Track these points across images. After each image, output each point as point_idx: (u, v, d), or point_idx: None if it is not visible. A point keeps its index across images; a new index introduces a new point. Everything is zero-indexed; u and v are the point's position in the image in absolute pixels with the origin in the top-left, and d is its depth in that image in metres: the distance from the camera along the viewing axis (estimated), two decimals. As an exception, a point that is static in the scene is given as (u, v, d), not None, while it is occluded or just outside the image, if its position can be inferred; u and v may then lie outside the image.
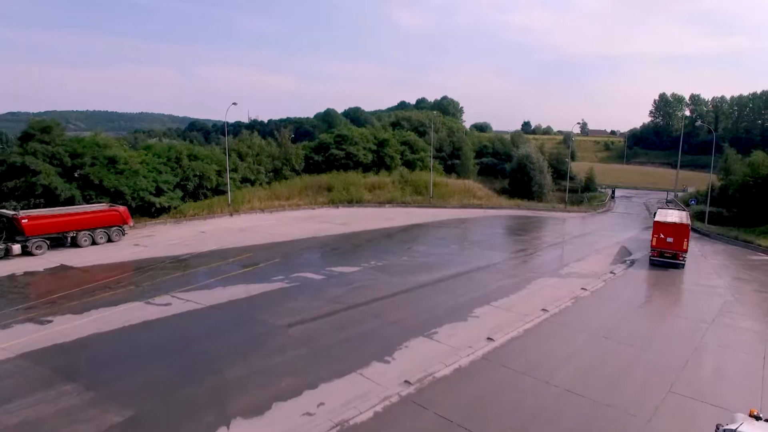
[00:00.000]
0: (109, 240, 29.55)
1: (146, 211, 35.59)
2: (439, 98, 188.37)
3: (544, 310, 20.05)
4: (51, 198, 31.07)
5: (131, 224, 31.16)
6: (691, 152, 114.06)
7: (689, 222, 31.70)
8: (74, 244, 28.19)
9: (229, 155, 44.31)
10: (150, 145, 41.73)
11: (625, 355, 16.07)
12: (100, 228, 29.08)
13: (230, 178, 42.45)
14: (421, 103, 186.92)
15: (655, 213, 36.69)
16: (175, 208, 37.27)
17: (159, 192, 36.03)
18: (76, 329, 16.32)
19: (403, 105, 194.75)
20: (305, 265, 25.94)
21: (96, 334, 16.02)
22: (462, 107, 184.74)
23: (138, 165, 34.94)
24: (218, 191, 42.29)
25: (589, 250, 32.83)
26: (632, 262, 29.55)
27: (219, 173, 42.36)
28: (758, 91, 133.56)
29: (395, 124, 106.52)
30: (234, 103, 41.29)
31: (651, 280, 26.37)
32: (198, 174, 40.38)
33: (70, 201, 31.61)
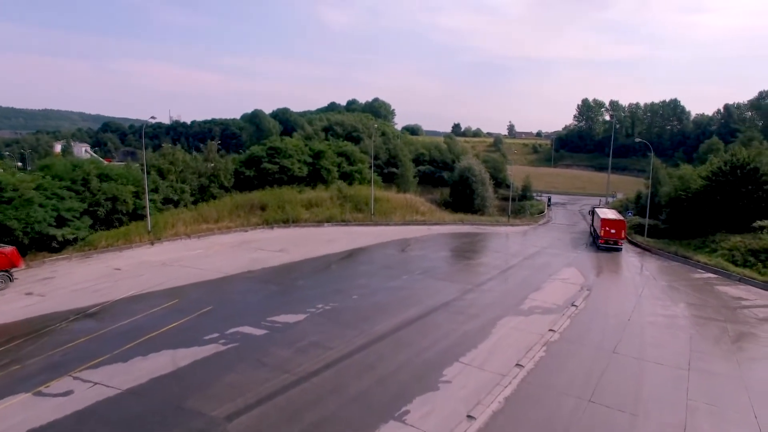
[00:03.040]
0: (-7, 289, 24.24)
1: (45, 245, 29.97)
2: (370, 100, 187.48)
3: (518, 365, 18.12)
4: None
5: (22, 267, 25.85)
6: (612, 155, 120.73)
7: (624, 218, 44.22)
8: (-55, 297, 22.72)
9: (149, 173, 39.20)
10: (48, 164, 35.44)
11: (620, 427, 14.38)
12: (-22, 276, 23.70)
13: (150, 200, 37.34)
14: (351, 105, 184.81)
15: (591, 212, 51.35)
16: (82, 239, 31.86)
17: (61, 222, 30.50)
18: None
19: (333, 106, 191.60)
20: (242, 313, 22.36)
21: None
22: (393, 109, 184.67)
23: (32, 192, 29.21)
24: (136, 216, 37.02)
25: (544, 275, 31.71)
26: (589, 290, 28.67)
27: (136, 194, 37.14)
28: (666, 99, 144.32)
29: (328, 129, 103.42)
30: (153, 117, 36.43)
31: (614, 310, 25.38)
32: (111, 197, 35.07)
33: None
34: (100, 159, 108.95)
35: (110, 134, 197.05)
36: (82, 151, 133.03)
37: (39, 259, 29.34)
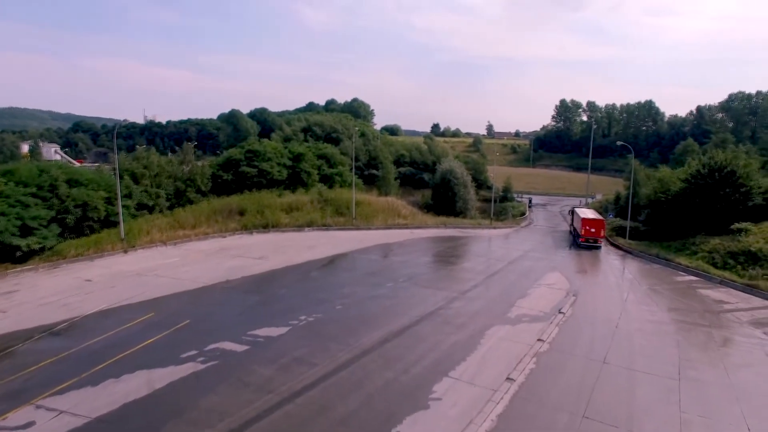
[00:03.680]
0: (-46, 305, 22.73)
1: (8, 255, 28.30)
2: (349, 100, 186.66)
3: (509, 379, 17.64)
4: None
5: (-15, 281, 24.37)
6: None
7: (603, 218, 46.55)
8: None
9: (122, 177, 37.65)
10: (11, 169, 33.54)
11: (616, 446, 14.00)
12: (-62, 291, 22.20)
13: (123, 206, 35.80)
14: (330, 105, 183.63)
15: (571, 212, 52.83)
16: (50, 248, 30.29)
17: (26, 231, 28.91)
18: None
19: (311, 106, 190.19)
20: (222, 327, 21.37)
21: None
22: (372, 110, 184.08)
23: (-7, 200, 27.64)
24: (109, 222, 35.43)
25: (529, 281, 31.45)
26: (575, 296, 28.48)
27: (108, 200, 35.60)
28: (642, 101, 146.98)
29: (307, 130, 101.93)
30: (125, 120, 34.88)
31: (601, 317, 25.20)
32: (81, 204, 33.51)
33: None
34: (71, 160, 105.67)
35: (82, 134, 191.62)
36: (52, 152, 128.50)
37: (1, 270, 27.74)
